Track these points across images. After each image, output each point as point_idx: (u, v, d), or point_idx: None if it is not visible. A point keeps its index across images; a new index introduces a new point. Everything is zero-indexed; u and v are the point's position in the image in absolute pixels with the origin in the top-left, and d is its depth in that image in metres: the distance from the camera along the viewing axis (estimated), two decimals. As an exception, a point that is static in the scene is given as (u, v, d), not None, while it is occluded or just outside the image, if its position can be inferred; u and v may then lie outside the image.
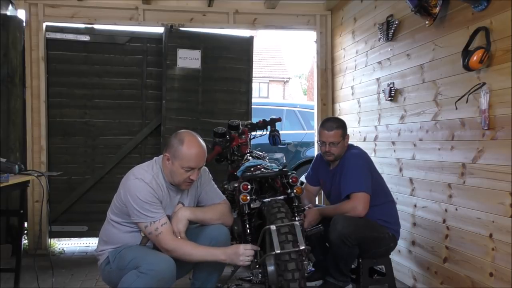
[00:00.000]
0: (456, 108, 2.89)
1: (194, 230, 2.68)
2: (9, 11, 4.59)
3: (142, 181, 2.46)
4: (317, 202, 4.05)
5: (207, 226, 2.69)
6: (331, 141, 3.20)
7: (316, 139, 4.35)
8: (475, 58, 2.62)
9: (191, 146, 2.50)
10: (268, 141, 3.91)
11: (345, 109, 4.78)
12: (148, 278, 2.31)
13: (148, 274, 2.31)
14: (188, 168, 2.49)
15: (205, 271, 2.68)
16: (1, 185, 2.80)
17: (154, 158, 2.66)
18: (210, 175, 2.86)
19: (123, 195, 2.49)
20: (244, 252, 2.46)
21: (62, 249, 4.80)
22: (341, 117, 4.08)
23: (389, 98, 3.77)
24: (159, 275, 2.33)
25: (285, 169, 2.89)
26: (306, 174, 3.67)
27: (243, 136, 3.73)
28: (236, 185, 3.18)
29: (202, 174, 2.76)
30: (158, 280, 2.33)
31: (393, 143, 3.78)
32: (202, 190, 2.78)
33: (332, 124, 3.26)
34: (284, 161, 6.33)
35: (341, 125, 3.26)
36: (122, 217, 2.54)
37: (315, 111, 5.25)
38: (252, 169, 2.99)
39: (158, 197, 2.49)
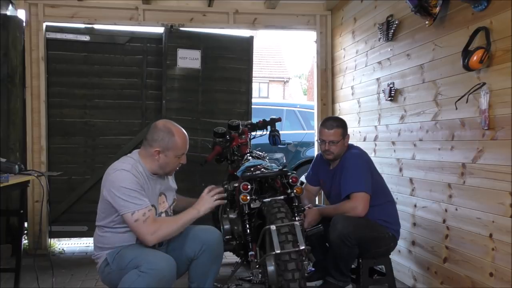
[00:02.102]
0: (456, 108, 2.89)
1: (184, 232, 2.66)
2: (9, 11, 4.59)
3: (123, 170, 2.48)
4: (317, 202, 4.05)
5: (199, 230, 2.69)
6: (331, 140, 3.20)
7: (316, 138, 4.35)
8: (475, 58, 2.62)
9: (180, 134, 2.63)
10: (268, 141, 3.91)
11: (345, 109, 4.79)
12: (149, 278, 2.30)
13: (148, 273, 2.31)
14: (181, 154, 2.64)
15: (199, 274, 2.66)
16: (1, 185, 2.80)
17: (127, 155, 2.67)
18: None
19: (107, 191, 2.47)
20: (208, 194, 2.63)
21: (62, 249, 4.80)
22: (341, 117, 4.08)
23: (389, 98, 3.77)
24: (160, 274, 2.33)
25: (285, 169, 2.89)
26: (306, 174, 3.67)
27: (243, 136, 3.73)
28: (236, 185, 3.19)
29: None
30: (159, 279, 2.32)
31: (393, 143, 3.78)
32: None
33: (333, 123, 3.26)
34: (284, 161, 6.33)
35: (342, 125, 3.27)
36: (112, 218, 2.52)
37: (315, 111, 5.25)
38: (252, 169, 3.00)
39: (141, 184, 2.51)
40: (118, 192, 2.44)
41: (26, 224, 4.53)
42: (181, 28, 4.84)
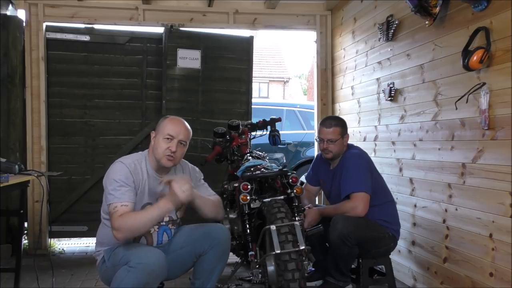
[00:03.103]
0: (456, 108, 2.89)
1: (194, 230, 2.67)
2: (9, 11, 4.59)
3: (121, 163, 2.53)
4: (317, 202, 4.05)
5: (208, 227, 2.68)
6: (329, 138, 3.20)
7: (315, 136, 4.35)
8: (475, 58, 2.62)
9: (172, 119, 2.66)
10: (268, 141, 3.91)
11: (345, 109, 4.79)
12: (138, 272, 2.31)
13: (137, 268, 2.32)
14: (167, 135, 2.56)
15: (205, 270, 2.66)
16: (1, 185, 2.80)
17: (139, 152, 2.73)
18: (202, 174, 2.88)
19: (104, 181, 2.54)
20: (178, 186, 2.43)
21: (62, 249, 4.80)
22: (341, 117, 4.08)
23: (389, 98, 3.77)
24: (148, 268, 2.33)
25: (285, 169, 2.90)
26: (306, 174, 3.67)
27: (243, 136, 3.73)
28: (236, 185, 3.19)
29: (192, 172, 2.81)
30: (148, 273, 2.33)
31: (393, 143, 3.78)
32: (193, 188, 2.75)
33: (331, 121, 3.28)
34: (284, 161, 6.33)
35: (340, 124, 3.27)
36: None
37: (315, 111, 5.25)
38: (252, 169, 3.00)
39: (134, 180, 2.51)
40: (107, 182, 2.50)
41: (26, 224, 4.53)
42: (181, 28, 4.84)
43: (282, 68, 26.20)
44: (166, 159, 2.57)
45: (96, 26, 4.76)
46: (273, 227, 2.50)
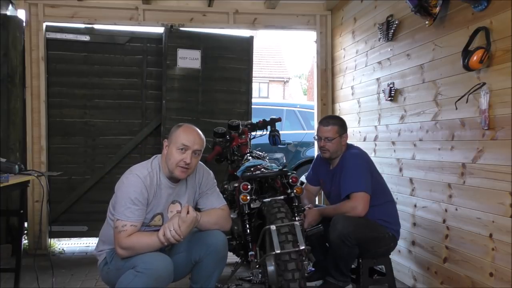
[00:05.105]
0: (456, 108, 2.89)
1: (192, 235, 2.62)
2: (9, 11, 4.59)
3: (137, 176, 2.47)
4: (317, 202, 4.05)
5: (204, 233, 2.63)
6: (326, 136, 3.20)
7: (314, 135, 4.36)
8: (475, 58, 2.62)
9: (186, 128, 2.57)
10: (268, 141, 3.91)
11: (345, 109, 4.79)
12: (145, 277, 2.30)
13: (145, 273, 2.30)
14: (181, 146, 2.49)
15: (202, 276, 2.64)
16: (1, 185, 2.79)
17: (156, 155, 2.67)
18: (215, 181, 2.81)
19: (116, 190, 2.51)
20: (164, 232, 2.38)
21: (62, 249, 4.80)
22: (341, 116, 4.08)
23: (389, 98, 3.77)
24: (156, 273, 2.32)
25: (285, 169, 2.90)
26: (306, 174, 3.67)
27: (243, 136, 3.73)
28: (236, 185, 3.20)
29: (205, 176, 2.75)
30: (155, 278, 2.32)
31: (393, 143, 3.78)
32: (204, 194, 2.73)
33: (329, 120, 3.29)
34: (284, 161, 6.33)
35: (339, 123, 3.27)
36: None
37: (315, 111, 5.25)
38: (252, 169, 3.00)
39: (148, 195, 2.47)
40: (120, 195, 2.46)
41: (26, 224, 4.53)
42: (181, 28, 4.84)
43: (282, 68, 26.19)
44: (180, 171, 2.51)
45: (96, 26, 4.76)
46: (273, 227, 2.50)
